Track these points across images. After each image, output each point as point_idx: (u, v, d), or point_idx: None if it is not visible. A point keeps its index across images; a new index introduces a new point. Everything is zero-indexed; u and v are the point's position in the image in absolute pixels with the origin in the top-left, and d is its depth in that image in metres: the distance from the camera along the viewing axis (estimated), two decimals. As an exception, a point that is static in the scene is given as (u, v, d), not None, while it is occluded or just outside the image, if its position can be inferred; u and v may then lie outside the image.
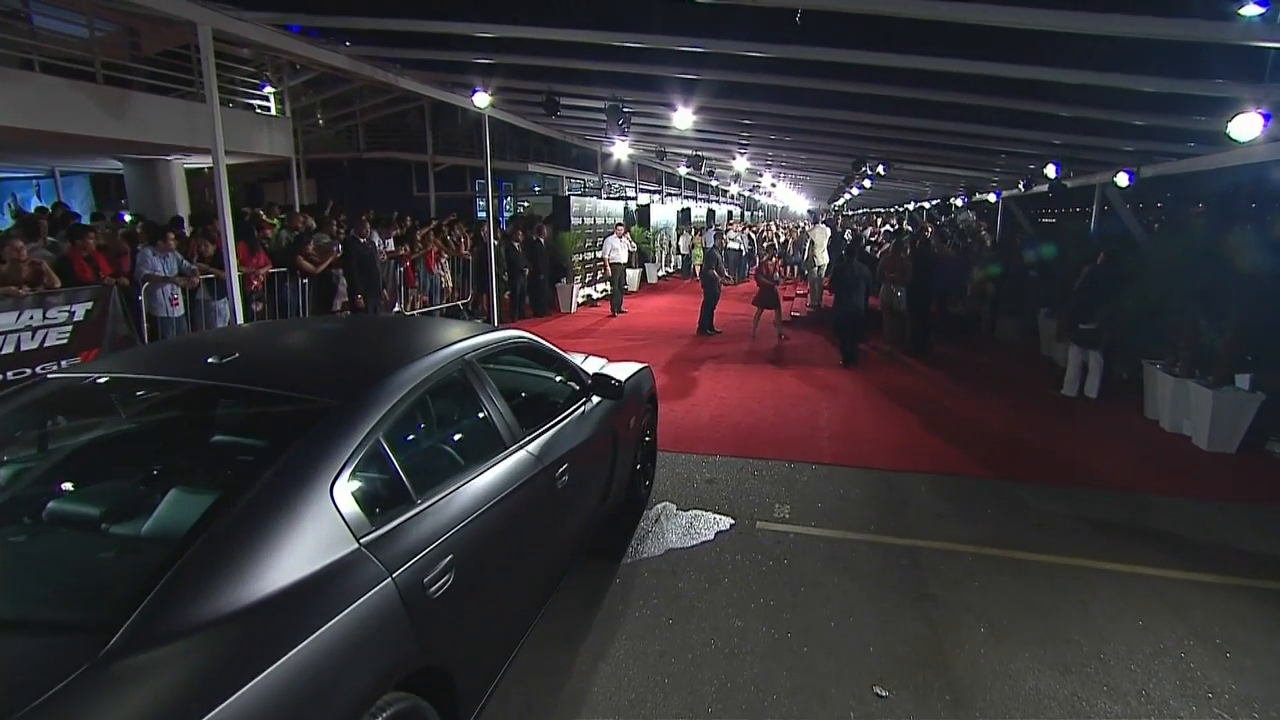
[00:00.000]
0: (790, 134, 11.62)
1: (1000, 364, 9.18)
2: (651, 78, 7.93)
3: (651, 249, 18.25)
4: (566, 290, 13.40)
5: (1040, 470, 5.27)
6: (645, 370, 4.60)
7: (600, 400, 3.55)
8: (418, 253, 9.93)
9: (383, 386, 2.17)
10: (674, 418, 6.39)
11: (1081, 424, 6.58)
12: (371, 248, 8.46)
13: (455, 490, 2.25)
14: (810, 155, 14.97)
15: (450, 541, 2.10)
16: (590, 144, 15.83)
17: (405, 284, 9.80)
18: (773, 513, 4.44)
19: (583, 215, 14.39)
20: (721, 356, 9.26)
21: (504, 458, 2.57)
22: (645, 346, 9.87)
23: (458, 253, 11.09)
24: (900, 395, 7.43)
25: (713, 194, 32.80)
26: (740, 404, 6.93)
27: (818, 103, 8.49)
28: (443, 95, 9.06)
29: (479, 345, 2.77)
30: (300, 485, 1.77)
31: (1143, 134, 8.00)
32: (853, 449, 5.65)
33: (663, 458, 5.31)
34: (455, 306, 11.30)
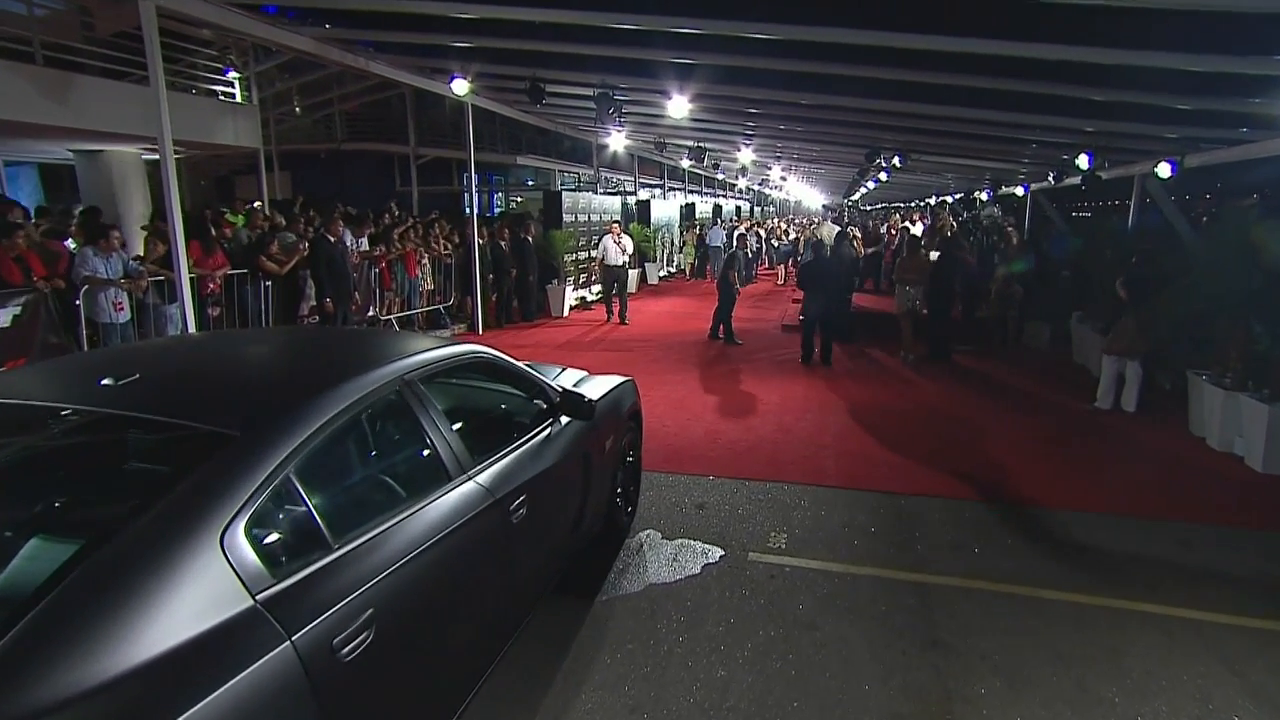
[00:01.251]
0: (801, 123, 11.49)
1: (1027, 373, 8.99)
2: (645, 63, 7.81)
3: (652, 248, 18.10)
4: (558, 292, 13.28)
5: (1069, 495, 5.08)
6: (627, 384, 4.45)
7: (570, 421, 3.40)
8: (394, 253, 9.82)
9: (298, 413, 2.02)
10: (665, 434, 6.24)
11: (1117, 441, 6.38)
12: (342, 247, 8.34)
13: (383, 532, 2.09)
14: (823, 146, 14.84)
15: (372, 593, 1.94)
16: (584, 135, 15.73)
17: (381, 286, 9.69)
18: (767, 542, 4.28)
19: (576, 212, 14.26)
20: (722, 366, 9.10)
21: (447, 491, 2.41)
22: (638, 355, 9.73)
23: (438, 253, 10.96)
24: (916, 409, 7.26)
25: (719, 188, 32.70)
26: (739, 419, 6.77)
27: (829, 89, 8.34)
28: (419, 81, 8.96)
29: (423, 363, 2.62)
30: (182, 532, 1.62)
31: (1188, 119, 7.76)
32: (860, 470, 5.48)
33: (650, 479, 5.16)
34: (436, 310, 11.21)
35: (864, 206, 39.00)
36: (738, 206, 30.01)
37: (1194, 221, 13.07)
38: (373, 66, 8.00)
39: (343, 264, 8.00)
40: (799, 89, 8.53)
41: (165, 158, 5.29)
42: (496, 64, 8.31)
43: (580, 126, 13.61)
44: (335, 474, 2.21)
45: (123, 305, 6.03)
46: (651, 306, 14.89)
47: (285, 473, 1.88)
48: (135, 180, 9.81)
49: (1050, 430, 6.62)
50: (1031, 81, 7.00)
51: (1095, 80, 6.85)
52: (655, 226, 19.14)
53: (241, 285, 7.31)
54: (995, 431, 6.53)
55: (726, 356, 9.71)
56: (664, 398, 7.47)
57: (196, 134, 9.14)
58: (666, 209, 21.35)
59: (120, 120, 7.71)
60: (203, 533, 1.62)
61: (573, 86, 9.04)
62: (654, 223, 19.05)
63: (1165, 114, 7.72)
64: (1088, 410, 7.21)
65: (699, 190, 29.78)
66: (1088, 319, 9.43)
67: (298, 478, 1.92)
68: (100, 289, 5.89)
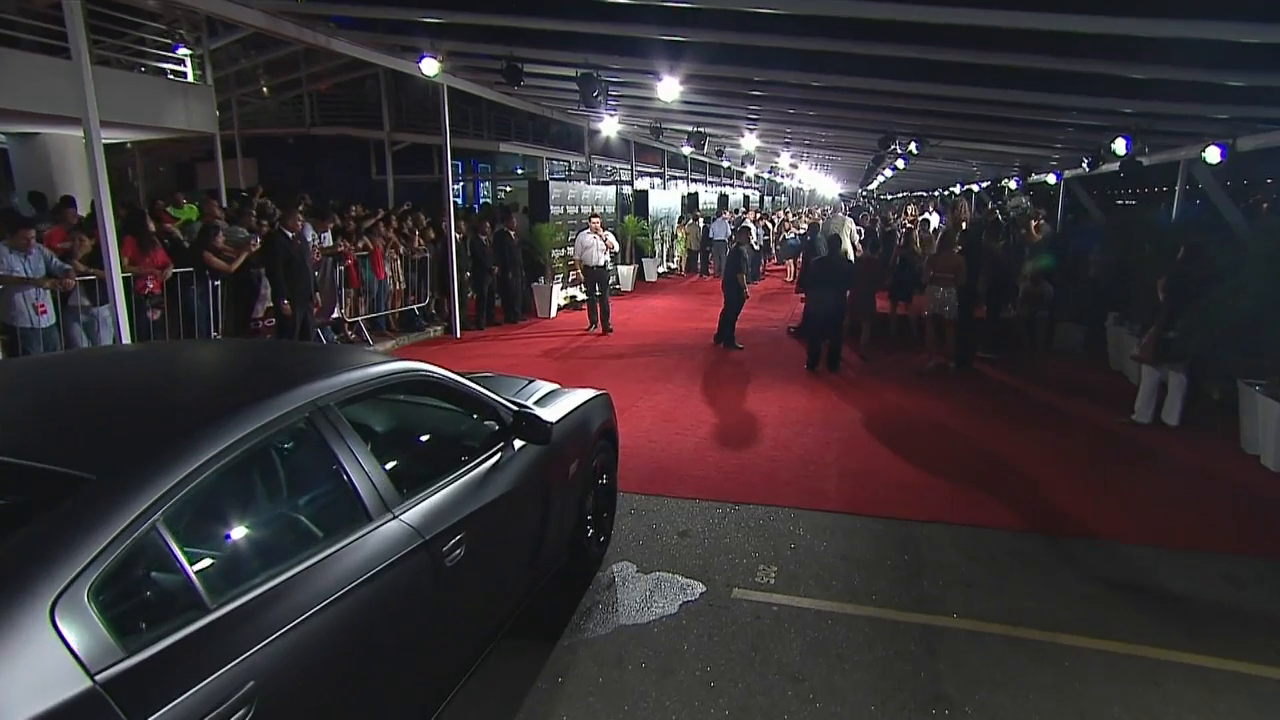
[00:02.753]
0: (811, 107, 11.35)
1: (1056, 382, 8.82)
2: (633, 41, 7.68)
3: (649, 242, 17.96)
4: (545, 292, 13.15)
5: (1100, 522, 4.90)
6: (598, 400, 4.31)
7: (526, 445, 3.25)
8: (360, 249, 9.68)
9: (173, 449, 1.87)
10: (650, 451, 6.11)
11: (1157, 460, 6.21)
12: (303, 243, 8.21)
13: (277, 587, 1.94)
14: (836, 132, 14.68)
15: (256, 660, 1.78)
16: (575, 120, 15.60)
17: (347, 285, 9.57)
18: (755, 577, 4.12)
19: (564, 203, 14.13)
20: (718, 373, 8.95)
21: (364, 535, 2.26)
22: (627, 360, 9.59)
23: (412, 248, 10.83)
24: (931, 422, 7.10)
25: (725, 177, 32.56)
26: (733, 433, 6.62)
27: (839, 69, 8.19)
28: (385, 60, 8.85)
29: (343, 386, 2.46)
30: (2, 601, 1.46)
31: (1240, 97, 7.54)
32: (864, 492, 5.32)
33: (629, 502, 5.03)
34: (410, 311, 11.09)
35: (884, 196, 38.81)
36: (746, 196, 29.88)
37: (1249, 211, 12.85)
38: (334, 44, 7.87)
39: (302, 261, 7.86)
40: (806, 69, 8.39)
41: (91, 140, 5.15)
42: (470, 42, 8.19)
43: (570, 111, 13.49)
44: (220, 520, 2.06)
45: (45, 307, 5.89)
46: (646, 306, 14.77)
47: (151, 521, 1.73)
48: (79, 166, 9.66)
49: (1080, 447, 6.45)
50: (1063, 58, 6.83)
51: (1134, 55, 6.65)
52: (654, 218, 19.00)
53: (186, 285, 7.17)
54: (1017, 448, 6.37)
55: (725, 362, 9.56)
56: (651, 409, 7.32)
57: (141, 116, 9.01)
58: (667, 199, 21.22)
59: (53, 100, 7.57)
60: (25, 602, 1.47)
61: (554, 67, 8.91)
62: (653, 214, 18.91)
63: (1214, 92, 7.49)
64: (1123, 424, 7.02)
65: (703, 179, 29.62)
66: (1126, 321, 9.24)
67: (169, 526, 1.76)
68: (17, 289, 5.75)
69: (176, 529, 1.78)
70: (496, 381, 4.48)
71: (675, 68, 8.04)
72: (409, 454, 2.99)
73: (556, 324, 12.43)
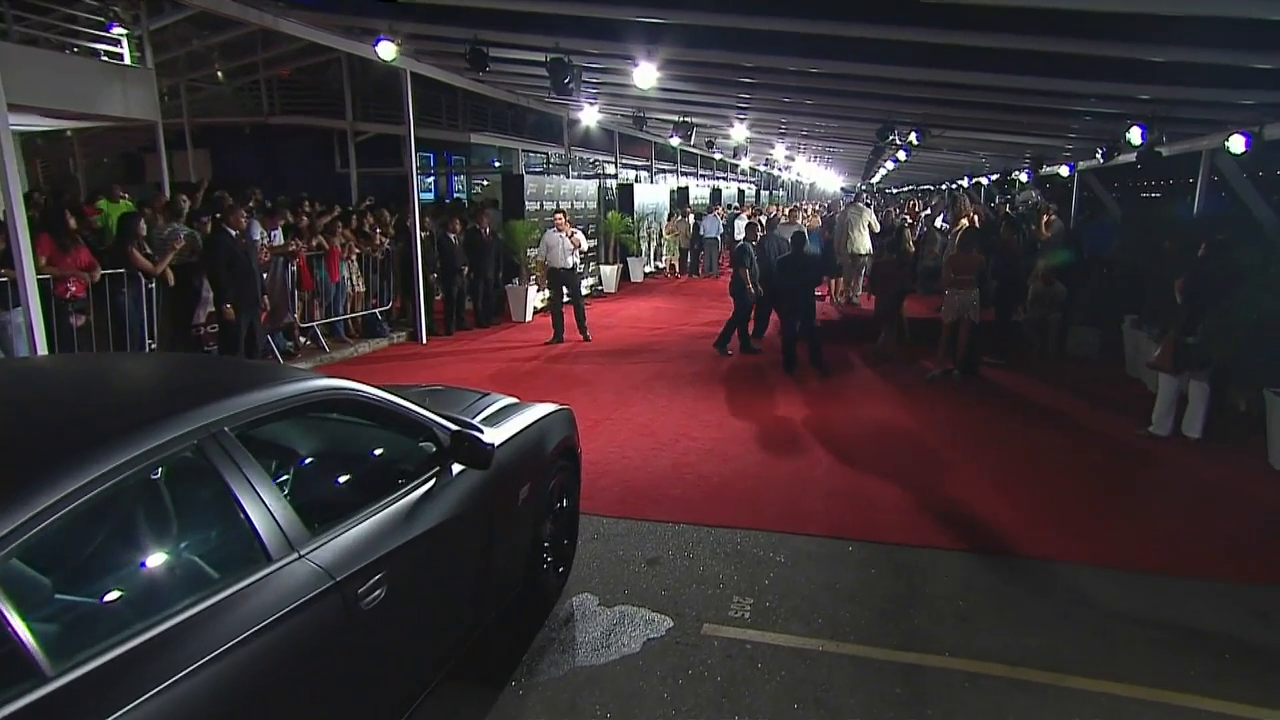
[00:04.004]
0: (809, 95, 11.25)
1: (1069, 390, 8.74)
2: (607, 23, 7.58)
3: (634, 240, 17.87)
4: (519, 294, 13.04)
5: (1113, 547, 4.79)
6: (556, 416, 4.19)
7: (466, 469, 3.12)
8: (314, 248, 9.54)
9: (13, 489, 1.73)
10: (625, 468, 6.01)
11: (1177, 477, 6.12)
12: (248, 242, 8.06)
13: (143, 645, 1.79)
14: (835, 122, 14.62)
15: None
16: (553, 109, 15.51)
17: (300, 288, 9.42)
18: (728, 610, 3.99)
19: (541, 198, 14.02)
20: (705, 382, 8.86)
21: (260, 579, 2.12)
22: (606, 368, 9.51)
23: (373, 247, 10.70)
24: (931, 435, 7.01)
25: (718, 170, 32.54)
26: (715, 448, 6.51)
27: (837, 53, 8.09)
28: (339, 43, 8.74)
29: (243, 409, 2.32)
30: None
31: (1267, 81, 7.44)
32: (853, 514, 5.22)
33: (597, 527, 4.92)
34: (371, 316, 10.95)
35: (889, 189, 38.91)
36: (741, 191, 29.85)
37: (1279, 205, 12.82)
38: (282, 25, 7.74)
39: (247, 262, 7.71)
40: (800, 54, 8.28)
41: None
42: (431, 23, 8.09)
43: (547, 99, 13.38)
44: (75, 571, 1.92)
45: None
46: (630, 309, 14.67)
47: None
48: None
49: (1093, 462, 6.36)
50: (1074, 40, 6.72)
51: (1150, 37, 6.54)
52: (641, 214, 18.92)
53: (117, 288, 7.01)
54: (1023, 464, 6.28)
55: (712, 370, 9.46)
56: (628, 421, 7.22)
57: (69, 101, 8.81)
58: (654, 194, 21.12)
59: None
60: None
61: (523, 51, 8.80)
62: (639, 210, 18.82)
63: (1237, 76, 7.38)
64: (1140, 436, 6.92)
65: (694, 172, 29.59)
66: (1144, 324, 9.17)
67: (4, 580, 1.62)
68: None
69: (16, 583, 1.65)
70: (445, 396, 4.38)
71: (653, 52, 7.94)
72: (325, 484, 2.86)
73: (532, 329, 12.30)
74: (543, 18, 7.40)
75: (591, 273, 16.47)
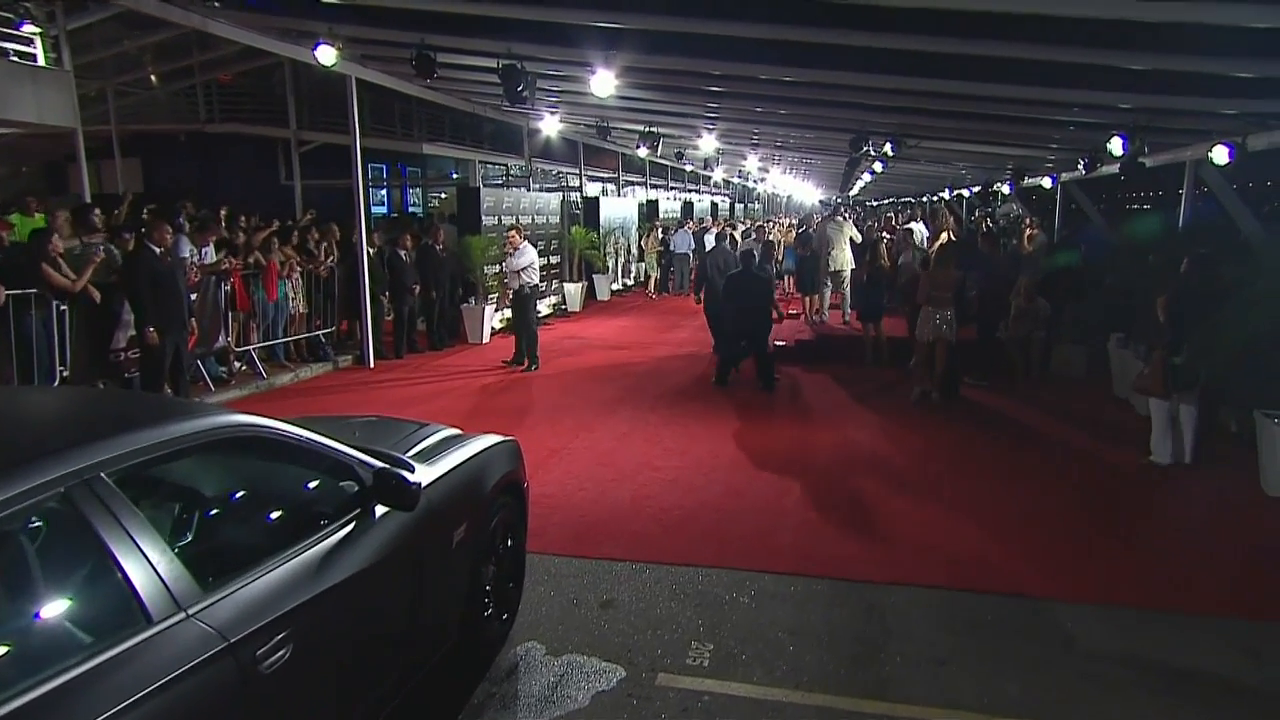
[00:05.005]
0: (782, 104, 11.35)
1: (1053, 412, 8.83)
2: (562, 27, 7.56)
3: (600, 257, 17.86)
4: (476, 314, 12.94)
5: (1099, 583, 4.78)
6: (499, 449, 4.10)
7: (390, 511, 3.01)
8: (250, 266, 9.36)
9: None
10: (581, 501, 5.92)
11: (1167, 505, 6.17)
12: (175, 260, 7.88)
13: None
14: (812, 132, 14.76)
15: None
16: (512, 118, 15.50)
17: (235, 309, 9.23)
18: (686, 657, 3.89)
19: (499, 212, 13.97)
20: (670, 407, 8.82)
21: (137, 644, 1.99)
22: (566, 394, 9.44)
23: (315, 264, 10.54)
24: (909, 462, 7.01)
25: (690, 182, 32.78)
26: (680, 478, 6.45)
27: (810, 61, 8.15)
28: (276, 47, 8.66)
29: (123, 452, 2.20)
30: None
31: (1250, 90, 7.59)
32: (824, 548, 5.17)
33: (548, 567, 4.81)
34: (315, 338, 10.76)
35: (869, 202, 39.42)
36: (714, 204, 30.07)
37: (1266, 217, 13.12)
38: (211, 26, 7.62)
39: (172, 282, 7.53)
40: (769, 61, 8.34)
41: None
42: (374, 26, 8.03)
43: (505, 108, 13.35)
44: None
45: None
46: (595, 329, 14.64)
47: None
48: None
49: (1077, 490, 6.38)
50: (1051, 47, 6.83)
51: (1130, 44, 6.65)
52: (607, 229, 18.95)
53: (24, 310, 6.79)
54: (1005, 492, 6.28)
55: (680, 394, 9.41)
56: (588, 450, 7.14)
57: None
58: (622, 207, 21.21)
59: None
60: None
61: (473, 57, 8.76)
62: (606, 224, 18.86)
63: (1220, 84, 7.52)
64: (1141, 465, 6.88)
65: (664, 185, 29.77)
66: (1131, 342, 9.29)
67: None
68: None
69: None
70: (380, 429, 4.29)
71: (611, 59, 7.95)
72: (225, 533, 2.73)
73: (489, 351, 12.19)
74: (493, 21, 7.37)
75: (554, 291, 16.43)
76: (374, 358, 10.97)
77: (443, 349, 12.15)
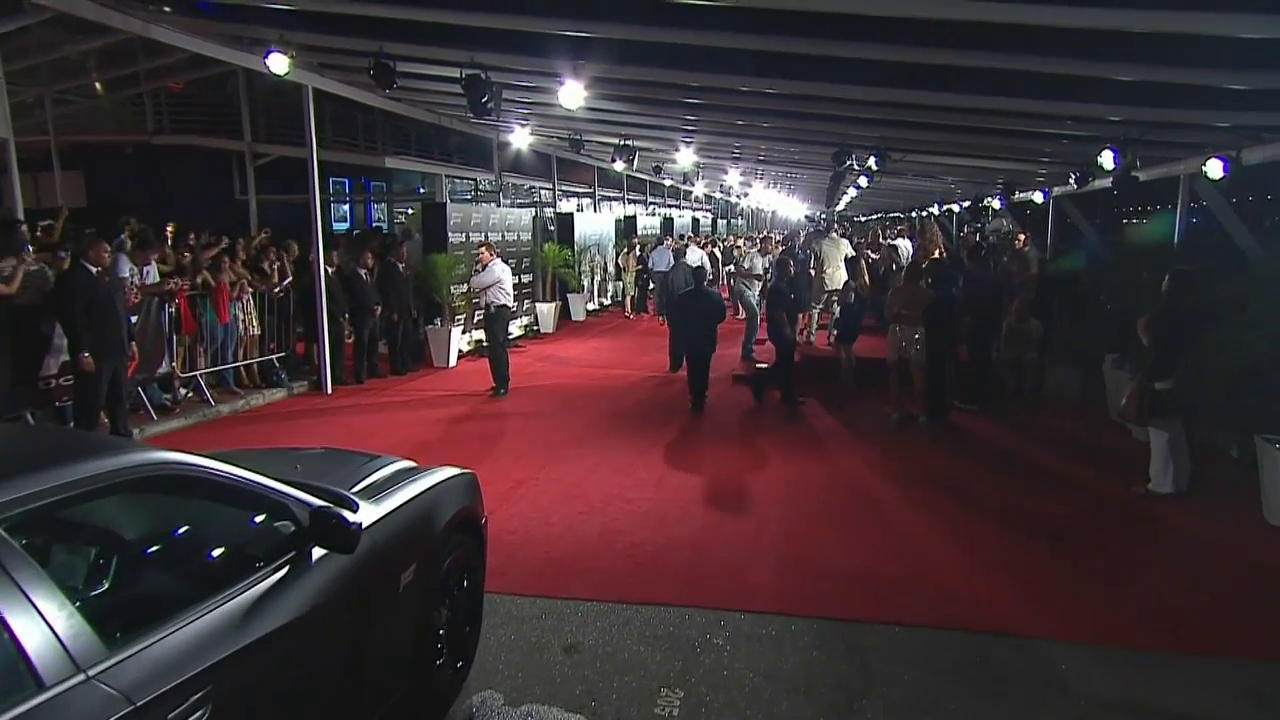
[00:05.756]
0: (764, 117, 11.42)
1: (1046, 437, 8.86)
2: (529, 36, 7.57)
3: (575, 275, 17.85)
4: (441, 336, 12.85)
5: (1096, 620, 4.74)
6: (453, 483, 4.03)
7: (330, 553, 2.92)
8: (198, 286, 9.23)
9: None
10: (546, 537, 5.85)
11: (1166, 536, 6.14)
12: (113, 280, 7.75)
13: None
14: (796, 146, 14.88)
15: None
16: (481, 131, 15.51)
17: (180, 331, 9.08)
18: (654, 706, 3.82)
19: (467, 228, 13.93)
20: (647, 434, 8.79)
21: (24, 714, 1.88)
22: (534, 420, 9.37)
23: (269, 284, 10.42)
24: (894, 493, 6.99)
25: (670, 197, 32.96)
26: (653, 511, 6.40)
27: (792, 73, 8.19)
28: (224, 53, 8.62)
29: (19, 495, 2.11)
30: None
31: (1244, 102, 7.68)
32: (805, 586, 5.11)
33: (510, 608, 4.73)
34: (268, 363, 10.62)
35: (857, 217, 39.80)
36: (695, 219, 30.22)
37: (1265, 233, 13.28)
38: (154, 31, 7.54)
39: (109, 304, 7.39)
40: (749, 72, 8.37)
41: None
42: (330, 33, 8.00)
43: (471, 120, 13.35)
44: None
45: None
46: (569, 351, 14.63)
47: None
48: None
49: (1073, 522, 6.37)
50: (1038, 58, 6.90)
51: (1121, 55, 6.72)
52: (582, 246, 18.96)
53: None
54: (997, 525, 6.25)
55: (656, 420, 9.38)
56: (556, 481, 7.08)
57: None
58: (598, 223, 21.26)
59: None
60: None
61: (435, 66, 8.75)
62: (580, 241, 18.88)
63: (1214, 96, 7.61)
64: (1138, 495, 6.86)
65: (642, 200, 29.91)
66: (1126, 363, 9.34)
67: None
68: None
69: None
70: (326, 462, 4.22)
71: (580, 69, 7.96)
72: (139, 582, 2.62)
73: (455, 376, 12.10)
74: (455, 29, 7.35)
75: (526, 311, 16.39)
76: (332, 383, 10.83)
77: (406, 373, 12.05)
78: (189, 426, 8.79)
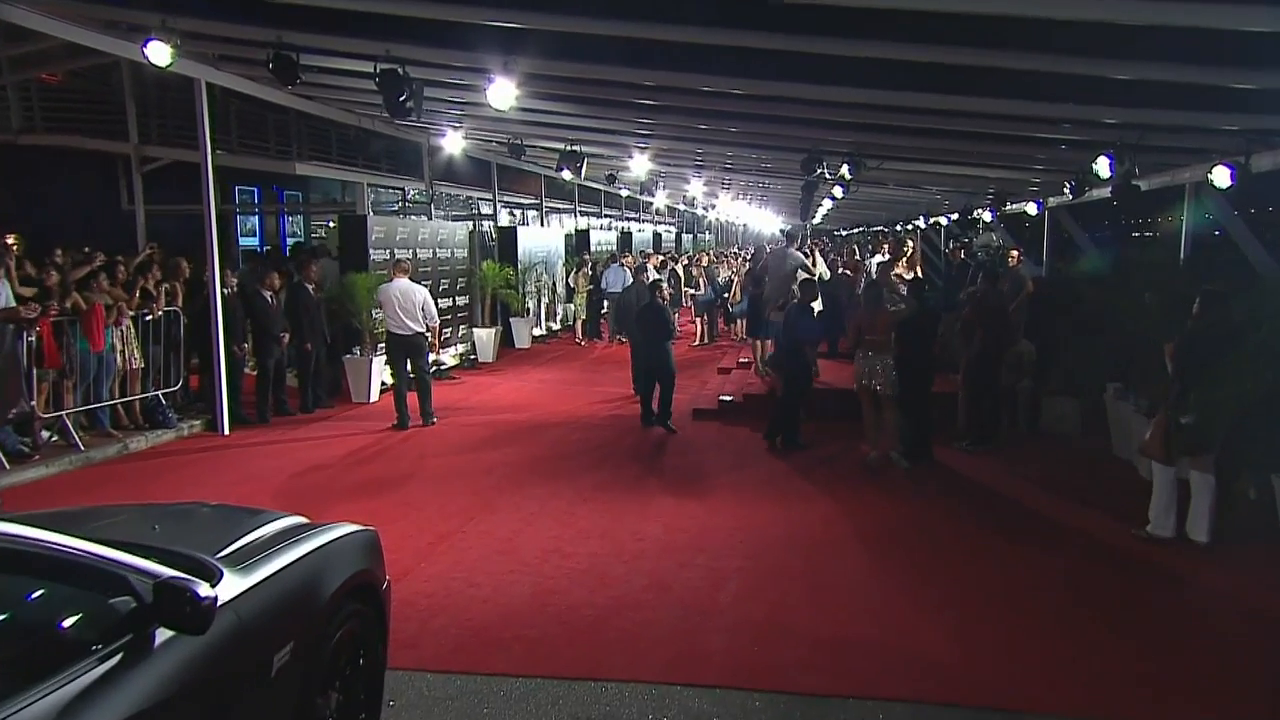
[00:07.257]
0: (730, 120, 11.47)
1: (1042, 476, 8.91)
2: (452, 26, 7.50)
3: (518, 297, 17.79)
4: (360, 366, 12.69)
5: (1095, 692, 4.71)
6: (346, 542, 3.89)
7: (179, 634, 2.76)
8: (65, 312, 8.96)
9: None
10: (469, 601, 5.72)
11: (1179, 592, 6.14)
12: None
13: None
14: (767, 153, 14.98)
15: None
16: (409, 134, 15.44)
17: (43, 365, 8.80)
18: (585, 809, 3.65)
19: (392, 244, 13.81)
20: (597, 477, 8.76)
21: None
22: (466, 464, 9.28)
23: (153, 310, 10.18)
24: (868, 543, 6.99)
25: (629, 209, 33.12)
26: (594, 567, 6.31)
27: (760, 71, 8.21)
28: (96, 41, 8.45)
29: None
30: None
31: (1252, 103, 7.82)
32: (764, 653, 5.02)
33: (420, 686, 4.58)
34: (154, 400, 10.32)
35: (836, 231, 40.31)
36: (657, 234, 30.39)
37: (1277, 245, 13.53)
38: (7, 12, 7.33)
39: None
40: (711, 71, 8.37)
41: None
42: (221, 20, 7.88)
43: (396, 121, 13.26)
44: None
45: None
46: (509, 383, 14.60)
47: None
48: None
49: (1071, 576, 6.36)
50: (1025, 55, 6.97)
51: (1115, 52, 6.79)
52: (527, 264, 18.95)
53: None
54: (985, 580, 6.24)
55: (603, 462, 9.31)
56: (485, 535, 6.99)
57: None
58: (546, 238, 21.30)
59: None
60: None
61: (344, 59, 8.67)
62: (525, 259, 18.87)
63: (1219, 98, 7.76)
64: (1137, 539, 6.88)
65: (597, 212, 30.03)
66: (1130, 393, 9.42)
67: None
68: None
69: None
70: (195, 520, 4.12)
71: (511, 65, 7.90)
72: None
73: (375, 412, 11.93)
74: (366, 18, 7.28)
75: (462, 338, 16.25)
76: (230, 422, 10.57)
77: (319, 410, 11.84)
78: (50, 476, 8.50)
